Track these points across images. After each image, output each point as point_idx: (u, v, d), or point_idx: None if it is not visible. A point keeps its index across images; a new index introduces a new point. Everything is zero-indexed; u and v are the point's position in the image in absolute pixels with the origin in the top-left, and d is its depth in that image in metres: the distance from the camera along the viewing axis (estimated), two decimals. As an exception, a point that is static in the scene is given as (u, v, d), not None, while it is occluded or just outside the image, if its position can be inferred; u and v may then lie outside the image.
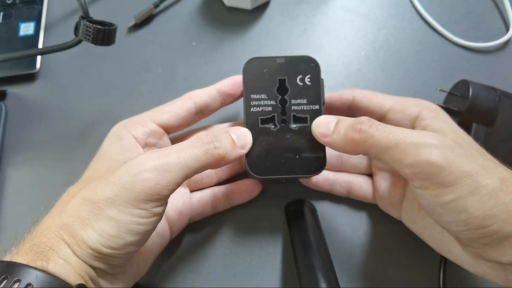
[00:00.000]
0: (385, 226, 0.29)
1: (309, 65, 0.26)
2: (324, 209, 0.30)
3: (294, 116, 0.25)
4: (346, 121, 0.23)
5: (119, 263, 0.21)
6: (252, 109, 0.25)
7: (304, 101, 0.25)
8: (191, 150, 0.21)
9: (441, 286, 0.26)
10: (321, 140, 0.23)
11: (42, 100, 0.34)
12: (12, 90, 0.35)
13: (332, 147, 0.23)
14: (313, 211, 0.28)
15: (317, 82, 0.25)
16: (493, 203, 0.19)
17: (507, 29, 0.36)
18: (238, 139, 0.23)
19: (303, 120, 0.25)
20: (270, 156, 0.24)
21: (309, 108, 0.25)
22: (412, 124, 0.25)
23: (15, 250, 0.19)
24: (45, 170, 0.32)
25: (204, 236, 0.29)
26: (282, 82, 0.26)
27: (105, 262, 0.20)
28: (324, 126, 0.23)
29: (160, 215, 0.21)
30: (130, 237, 0.20)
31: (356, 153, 0.22)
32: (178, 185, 0.20)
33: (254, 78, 0.26)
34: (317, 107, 0.25)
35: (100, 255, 0.20)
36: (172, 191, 0.20)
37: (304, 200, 0.29)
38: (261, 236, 0.29)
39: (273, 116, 0.25)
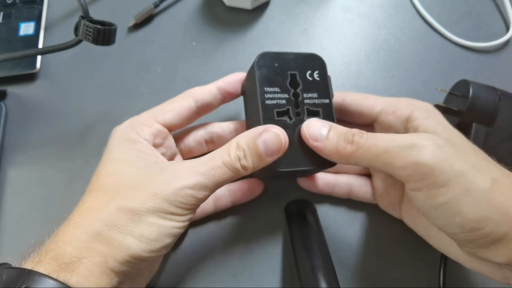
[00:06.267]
0: (385, 226, 0.29)
1: (317, 62, 0.26)
2: (324, 209, 0.30)
3: (308, 109, 0.25)
4: (338, 129, 0.23)
5: (147, 266, 0.21)
6: (267, 101, 0.24)
7: (315, 95, 0.25)
8: (223, 169, 0.22)
9: (441, 286, 0.26)
10: (311, 143, 0.23)
11: (42, 100, 0.34)
12: (12, 90, 0.35)
13: (321, 152, 0.23)
14: (314, 211, 0.28)
15: (325, 78, 0.26)
16: (486, 205, 0.19)
17: (507, 29, 0.36)
18: (266, 148, 0.22)
19: (316, 113, 0.25)
20: (288, 149, 0.23)
21: (320, 102, 0.25)
22: (404, 125, 0.25)
23: (37, 258, 0.19)
24: (45, 170, 0.32)
25: (204, 236, 0.29)
26: (293, 77, 0.26)
27: (135, 267, 0.20)
28: (316, 130, 0.23)
29: (191, 219, 0.22)
30: (168, 239, 0.21)
31: (345, 162, 0.23)
32: (209, 196, 0.22)
33: (267, 71, 0.25)
34: (327, 101, 0.25)
35: (135, 260, 0.20)
36: (204, 201, 0.22)
37: (304, 200, 0.29)
38: (261, 236, 0.29)
39: (288, 109, 0.25)
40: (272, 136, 0.22)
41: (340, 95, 0.27)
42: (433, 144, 0.20)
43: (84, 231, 0.20)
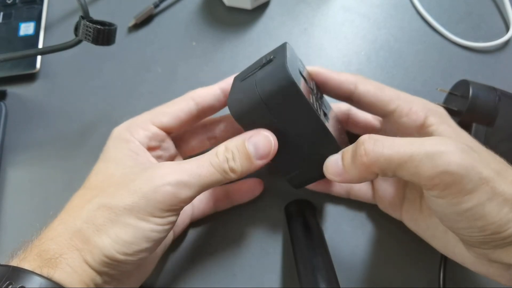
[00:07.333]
0: (385, 226, 0.29)
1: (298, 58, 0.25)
2: (324, 209, 0.30)
3: (323, 111, 0.24)
4: (349, 149, 0.21)
5: (128, 269, 0.21)
6: (318, 112, 0.22)
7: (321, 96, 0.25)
8: (209, 169, 0.21)
9: (441, 286, 0.26)
10: (337, 180, 0.22)
11: (42, 100, 0.34)
12: (12, 90, 0.35)
13: (351, 181, 0.21)
14: (314, 211, 0.28)
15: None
16: (509, 209, 0.19)
17: (507, 29, 0.36)
18: (255, 151, 0.22)
19: (326, 114, 0.24)
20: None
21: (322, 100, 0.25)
22: (418, 130, 0.24)
23: (23, 255, 0.19)
24: (45, 170, 0.32)
25: (204, 236, 0.29)
26: (304, 79, 0.23)
27: (115, 268, 0.20)
28: (334, 165, 0.22)
29: (173, 224, 0.21)
30: (145, 243, 0.20)
31: (374, 177, 0.21)
32: (193, 198, 0.21)
33: (299, 77, 0.22)
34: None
35: (112, 262, 0.20)
36: (187, 203, 0.21)
37: (304, 200, 0.29)
38: (261, 236, 0.29)
39: (323, 112, 0.23)
40: (262, 139, 0.22)
41: (352, 81, 0.25)
42: (458, 150, 0.19)
43: (66, 228, 0.20)
